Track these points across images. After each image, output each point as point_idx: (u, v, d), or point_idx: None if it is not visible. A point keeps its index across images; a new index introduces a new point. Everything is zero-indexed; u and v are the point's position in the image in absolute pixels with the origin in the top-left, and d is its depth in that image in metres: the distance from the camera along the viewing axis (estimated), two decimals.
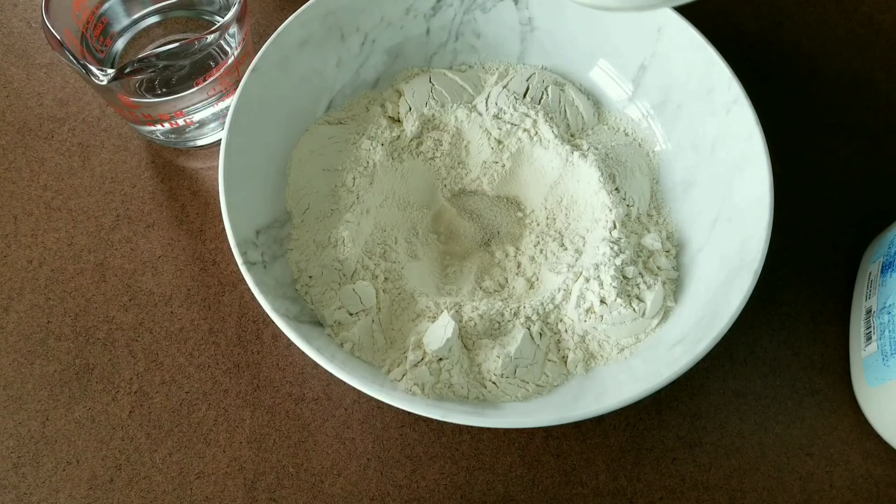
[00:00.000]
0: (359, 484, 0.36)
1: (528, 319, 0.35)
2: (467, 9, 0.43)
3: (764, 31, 0.50)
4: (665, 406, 0.38)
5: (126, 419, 0.37)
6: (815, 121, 0.46)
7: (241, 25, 0.39)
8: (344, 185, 0.39)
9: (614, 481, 0.37)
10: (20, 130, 0.44)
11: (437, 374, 0.33)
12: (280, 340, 0.39)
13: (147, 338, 0.39)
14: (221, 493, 0.36)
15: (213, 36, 0.36)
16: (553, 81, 0.43)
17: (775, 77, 0.48)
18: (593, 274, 0.36)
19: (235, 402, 0.38)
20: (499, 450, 0.37)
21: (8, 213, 0.42)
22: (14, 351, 0.38)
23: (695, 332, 0.34)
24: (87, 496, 0.35)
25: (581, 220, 0.40)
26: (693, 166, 0.40)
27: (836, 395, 0.39)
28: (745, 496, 0.37)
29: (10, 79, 0.46)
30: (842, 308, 0.41)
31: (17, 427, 0.37)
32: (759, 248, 0.34)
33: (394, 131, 0.41)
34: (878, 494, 0.37)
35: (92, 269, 0.40)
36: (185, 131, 0.42)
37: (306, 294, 0.36)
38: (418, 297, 0.36)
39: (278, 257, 0.36)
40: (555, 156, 0.40)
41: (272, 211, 0.38)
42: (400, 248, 0.39)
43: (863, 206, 0.44)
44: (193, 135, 0.43)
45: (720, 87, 0.39)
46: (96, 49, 0.41)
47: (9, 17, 0.48)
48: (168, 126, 0.41)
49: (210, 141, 0.44)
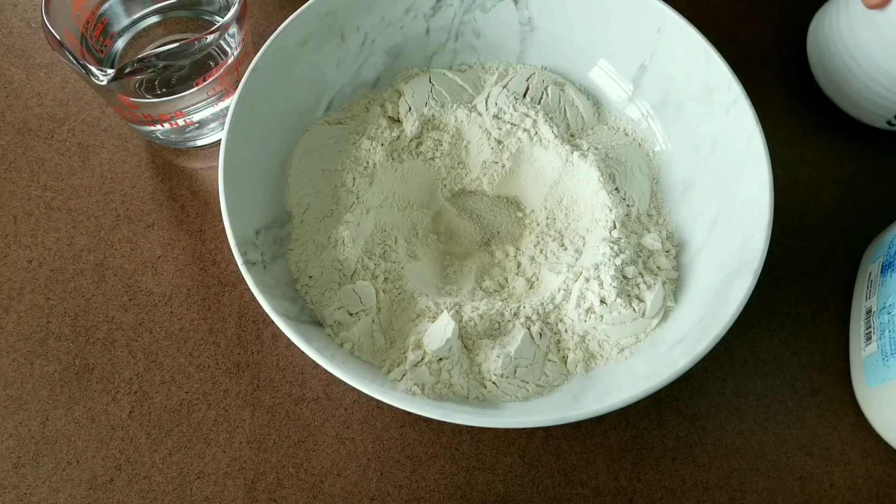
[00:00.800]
0: (359, 484, 0.36)
1: (528, 319, 0.35)
2: (467, 9, 0.43)
3: (764, 31, 0.50)
4: (665, 406, 0.38)
5: (126, 419, 0.37)
6: (815, 121, 0.46)
7: (240, 25, 0.39)
8: (344, 186, 0.39)
9: (614, 481, 0.37)
10: (20, 130, 0.44)
11: (437, 374, 0.33)
12: (280, 340, 0.39)
13: (147, 338, 0.39)
14: (221, 493, 0.36)
15: (212, 36, 0.36)
16: (553, 81, 0.43)
17: (775, 77, 0.48)
18: (593, 274, 0.36)
19: (235, 402, 0.38)
20: (499, 450, 0.37)
21: (8, 213, 0.42)
22: (14, 351, 0.38)
23: (695, 332, 0.34)
24: (87, 496, 0.35)
25: (581, 220, 0.40)
26: (693, 166, 0.40)
27: (836, 395, 0.39)
28: (745, 496, 0.37)
29: (10, 79, 0.46)
30: (842, 308, 0.41)
31: (17, 427, 0.37)
32: (759, 248, 0.34)
33: (394, 131, 0.41)
34: (878, 494, 0.37)
35: (92, 270, 0.40)
36: (185, 131, 0.42)
37: (306, 294, 0.36)
38: (418, 297, 0.36)
39: (278, 257, 0.36)
40: (555, 156, 0.40)
41: (272, 211, 0.38)
42: (400, 248, 0.39)
43: (863, 206, 0.44)
44: (193, 135, 0.43)
45: (720, 87, 0.39)
46: (96, 49, 0.41)
47: (9, 17, 0.48)
48: (168, 126, 0.41)
49: (210, 141, 0.44)
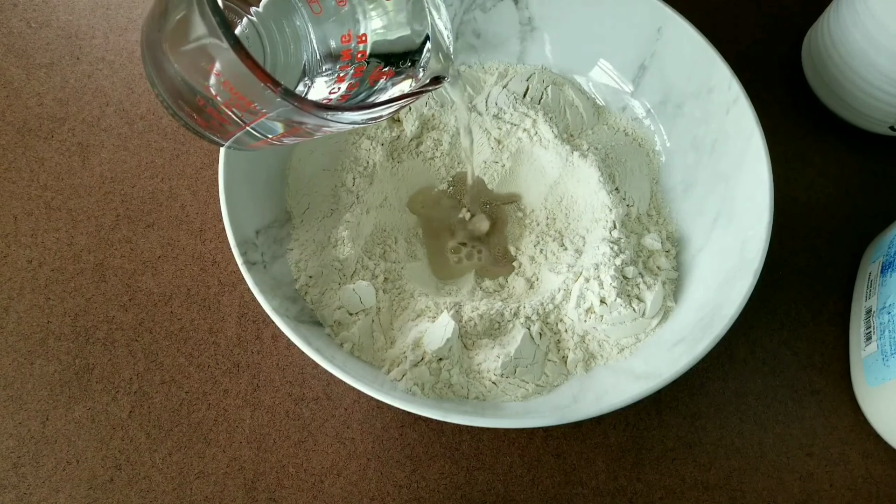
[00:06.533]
0: (359, 484, 0.36)
1: (528, 319, 0.35)
2: (467, 8, 0.43)
3: (764, 31, 0.49)
4: (665, 406, 0.38)
5: (126, 419, 0.37)
6: (815, 120, 0.46)
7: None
8: (344, 185, 0.39)
9: (614, 481, 0.37)
10: (20, 130, 0.44)
11: (436, 373, 0.33)
12: (280, 340, 0.39)
13: (147, 338, 0.39)
14: (221, 493, 0.36)
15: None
16: (553, 81, 0.43)
17: (775, 77, 0.48)
18: (593, 274, 0.36)
19: (235, 402, 0.38)
20: (499, 450, 0.37)
21: (8, 213, 0.42)
22: (14, 351, 0.38)
23: (695, 332, 0.34)
24: (87, 496, 0.35)
25: (581, 220, 0.40)
26: (693, 166, 0.40)
27: (836, 395, 0.39)
28: (745, 496, 0.37)
29: (10, 79, 0.46)
30: (842, 308, 0.41)
31: (17, 427, 0.37)
32: (759, 248, 0.34)
33: (393, 131, 0.41)
34: (878, 494, 0.37)
35: (92, 269, 0.40)
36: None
37: (306, 294, 0.36)
38: (418, 297, 0.36)
39: (278, 257, 0.36)
40: (555, 156, 0.40)
41: (272, 211, 0.38)
42: (400, 248, 0.39)
43: (863, 206, 0.44)
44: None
45: (720, 87, 0.39)
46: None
47: (9, 17, 0.48)
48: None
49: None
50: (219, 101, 0.26)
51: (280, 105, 0.24)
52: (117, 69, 0.46)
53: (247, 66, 0.23)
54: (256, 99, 0.25)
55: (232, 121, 0.27)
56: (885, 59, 0.39)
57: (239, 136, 0.28)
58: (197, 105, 0.27)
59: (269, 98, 0.24)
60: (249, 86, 0.24)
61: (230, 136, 0.28)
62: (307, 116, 0.25)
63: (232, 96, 0.25)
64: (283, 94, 0.24)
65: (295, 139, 0.29)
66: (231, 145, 0.29)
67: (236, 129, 0.27)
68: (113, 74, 0.46)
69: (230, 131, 0.27)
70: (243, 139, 0.28)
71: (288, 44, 0.30)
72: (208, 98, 0.26)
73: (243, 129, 0.27)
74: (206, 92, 0.26)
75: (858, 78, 0.41)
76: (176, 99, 0.27)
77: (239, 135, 0.28)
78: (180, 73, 0.26)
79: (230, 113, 0.26)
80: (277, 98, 0.24)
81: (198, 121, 0.27)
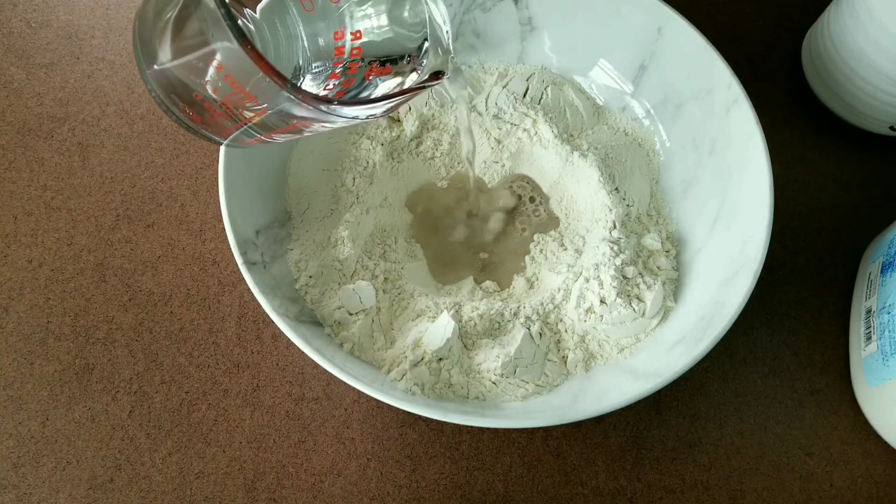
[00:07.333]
0: (359, 484, 0.36)
1: (528, 319, 0.35)
2: (467, 8, 0.43)
3: (764, 31, 0.49)
4: (665, 406, 0.38)
5: (126, 419, 0.37)
6: (815, 120, 0.46)
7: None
8: (343, 185, 0.39)
9: (614, 481, 0.37)
10: (20, 130, 0.44)
11: (436, 373, 0.33)
12: (280, 340, 0.39)
13: (147, 338, 0.39)
14: (221, 493, 0.36)
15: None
16: (552, 81, 0.43)
17: (775, 77, 0.48)
18: (593, 274, 0.36)
19: (235, 402, 0.38)
20: (499, 450, 0.37)
21: (8, 213, 0.42)
22: (14, 351, 0.38)
23: (695, 332, 0.34)
24: (87, 496, 0.35)
25: (581, 220, 0.40)
26: (693, 166, 0.40)
27: (836, 395, 0.39)
28: (745, 496, 0.37)
29: (10, 79, 0.46)
30: (842, 308, 0.41)
31: (17, 427, 0.37)
32: (759, 248, 0.34)
33: (393, 131, 0.41)
34: (878, 494, 0.37)
35: (92, 269, 0.40)
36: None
37: (306, 294, 0.36)
38: (418, 297, 0.36)
39: (278, 257, 0.36)
40: (554, 155, 0.40)
41: (272, 211, 0.38)
42: (400, 248, 0.39)
43: (863, 206, 0.44)
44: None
45: (720, 87, 0.39)
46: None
47: (9, 17, 0.48)
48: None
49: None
50: (216, 96, 0.25)
51: (284, 99, 0.24)
52: (117, 69, 0.46)
53: (252, 59, 0.23)
54: (259, 93, 0.24)
55: (230, 116, 0.26)
56: (885, 60, 0.39)
57: (236, 133, 0.28)
58: (193, 100, 0.26)
59: (272, 92, 0.24)
60: (253, 80, 0.24)
61: (228, 134, 0.28)
62: (309, 111, 0.25)
63: (233, 90, 0.25)
64: (290, 89, 0.23)
65: (287, 136, 0.29)
66: (229, 143, 0.29)
67: (234, 127, 0.27)
68: (113, 74, 0.46)
69: (228, 128, 0.27)
70: (238, 136, 0.28)
71: (280, 43, 0.30)
72: (206, 93, 0.26)
73: (242, 126, 0.27)
74: (203, 87, 0.25)
75: (859, 78, 0.41)
76: (169, 94, 0.27)
77: (237, 133, 0.27)
78: (176, 67, 0.26)
79: (229, 108, 0.26)
80: (283, 92, 0.23)
81: (193, 117, 0.27)
